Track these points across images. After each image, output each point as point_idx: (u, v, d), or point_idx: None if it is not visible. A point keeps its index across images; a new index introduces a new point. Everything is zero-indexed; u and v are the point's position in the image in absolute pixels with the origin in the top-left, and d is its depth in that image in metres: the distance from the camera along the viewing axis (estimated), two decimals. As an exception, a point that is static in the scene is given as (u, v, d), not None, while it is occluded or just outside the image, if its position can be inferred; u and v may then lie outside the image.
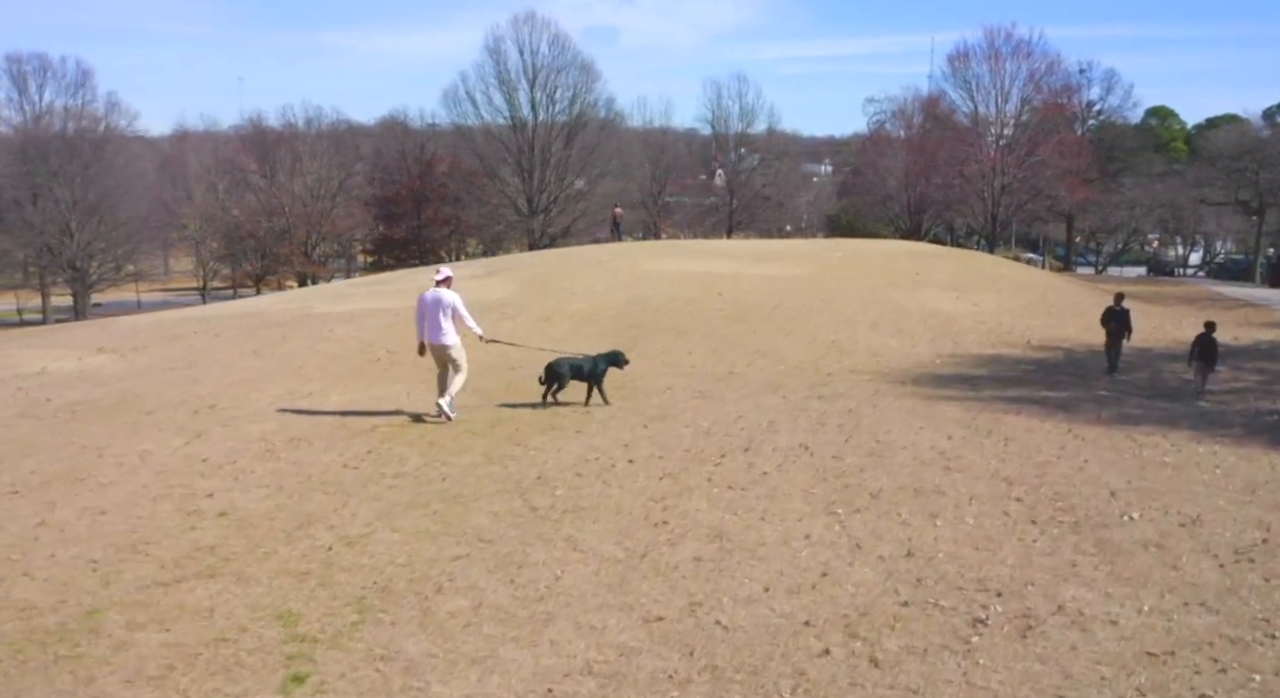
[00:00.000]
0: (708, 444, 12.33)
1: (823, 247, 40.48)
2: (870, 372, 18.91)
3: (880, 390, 16.75)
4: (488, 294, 28.70)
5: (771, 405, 14.97)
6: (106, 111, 74.76)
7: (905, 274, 31.95)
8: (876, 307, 26.38)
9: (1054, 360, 20.62)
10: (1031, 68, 55.00)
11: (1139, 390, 17.70)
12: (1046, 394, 16.89)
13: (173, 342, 23.40)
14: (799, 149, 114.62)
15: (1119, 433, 13.72)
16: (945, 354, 21.15)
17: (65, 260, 68.01)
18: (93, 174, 67.85)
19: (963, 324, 24.53)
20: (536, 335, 22.18)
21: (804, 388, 16.79)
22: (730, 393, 16.13)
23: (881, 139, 69.22)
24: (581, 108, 71.64)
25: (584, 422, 13.78)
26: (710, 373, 18.52)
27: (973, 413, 14.82)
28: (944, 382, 17.98)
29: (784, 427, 13.37)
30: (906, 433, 13.12)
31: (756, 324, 23.96)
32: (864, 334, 23.01)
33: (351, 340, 22.16)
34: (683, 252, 38.12)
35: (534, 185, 71.62)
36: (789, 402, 15.35)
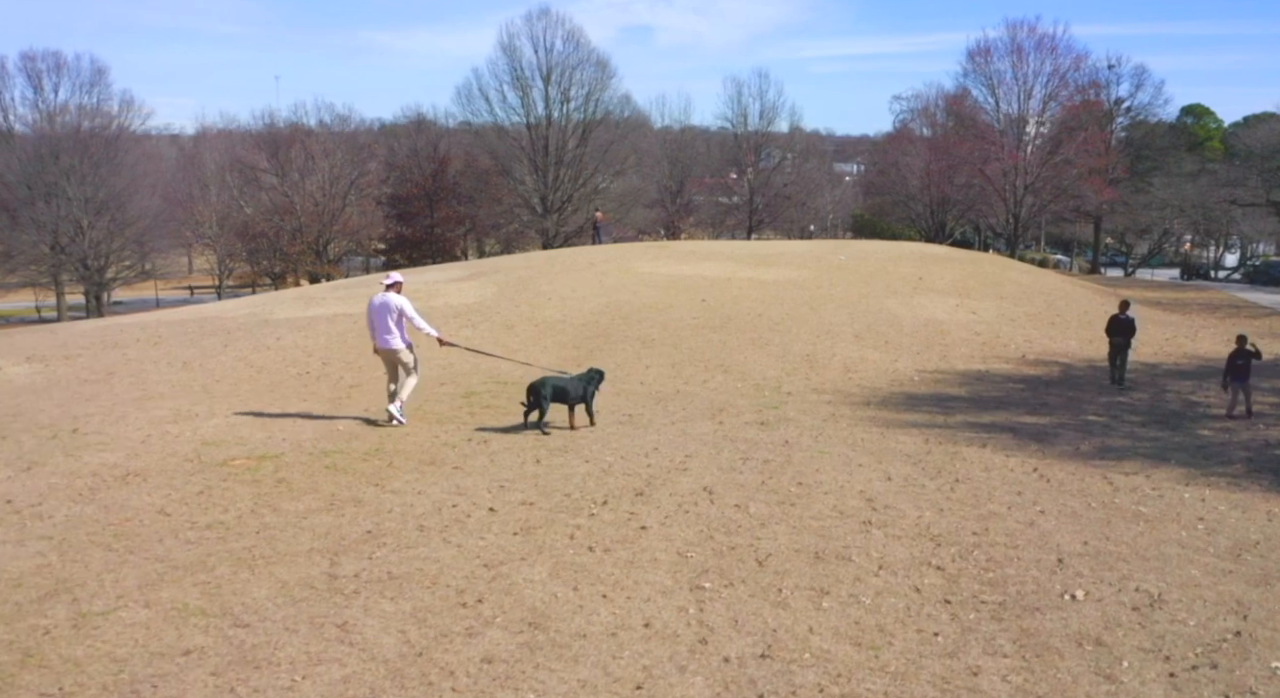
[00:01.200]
0: (596, 488, 10.52)
1: (829, 249, 38.45)
2: (835, 391, 16.99)
3: (836, 415, 14.84)
4: (461, 299, 27.25)
5: (699, 435, 13.12)
6: (121, 109, 74.20)
7: (907, 279, 29.96)
8: (866, 315, 24.43)
9: (1047, 378, 18.55)
10: (1056, 63, 52.35)
11: (1134, 414, 15.63)
12: (1025, 420, 14.88)
13: (108, 350, 22.01)
14: (831, 147, 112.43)
15: (1094, 472, 11.73)
16: (928, 370, 19.16)
17: (76, 258, 67.47)
18: (104, 172, 67.17)
19: (956, 335, 22.49)
20: (500, 342, 20.75)
21: (749, 412, 14.92)
22: (662, 418, 14.29)
23: (902, 137, 66.70)
24: (596, 105, 69.92)
25: (472, 454, 12.02)
26: (656, 392, 16.69)
27: (930, 445, 12.88)
28: (913, 403, 16.01)
29: (698, 464, 11.52)
30: (840, 472, 11.23)
31: (732, 334, 22.17)
32: (844, 346, 21.08)
33: (292, 350, 20.64)
34: (681, 254, 36.32)
35: (548, 184, 70.05)
36: (722, 430, 13.49)
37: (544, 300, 26.63)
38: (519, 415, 13.51)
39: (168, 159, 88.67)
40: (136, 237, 70.04)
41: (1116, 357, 18.53)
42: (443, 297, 27.91)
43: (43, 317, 71.85)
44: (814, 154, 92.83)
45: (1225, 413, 15.71)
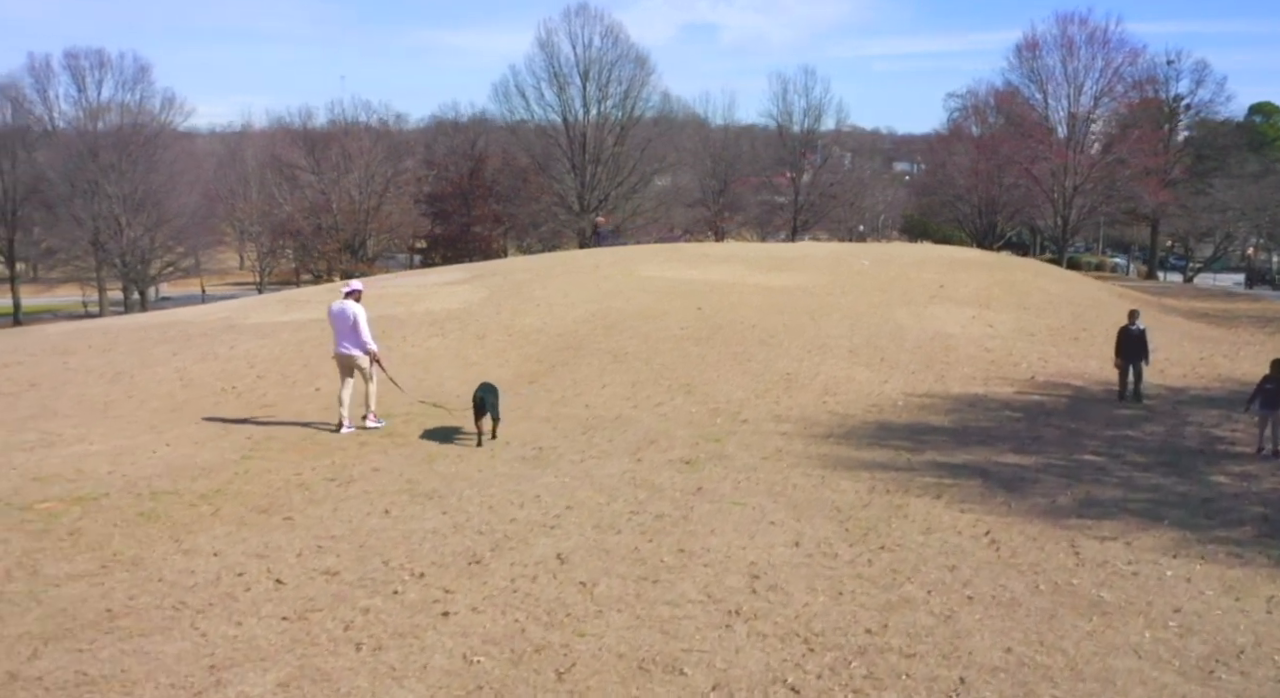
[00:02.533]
0: (429, 552, 8.70)
1: (854, 252, 36.17)
2: (799, 419, 14.95)
3: (782, 451, 12.82)
4: (446, 304, 25.76)
5: (602, 478, 11.22)
6: (162, 107, 74.21)
7: (927, 286, 27.69)
8: (870, 327, 22.29)
9: (1050, 405, 16.27)
10: (1108, 58, 49.03)
11: (1140, 453, 13.35)
12: (1005, 460, 12.72)
13: (52, 357, 20.83)
14: (891, 146, 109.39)
15: (1062, 537, 9.59)
16: (917, 393, 17.00)
17: (115, 255, 67.53)
18: (141, 170, 67.05)
19: (963, 351, 20.25)
20: (462, 354, 19.35)
21: (682, 446, 12.97)
22: (574, 454, 12.42)
23: (951, 136, 63.61)
24: (635, 102, 68.10)
25: (319, 500, 10.28)
26: (592, 418, 14.82)
27: (873, 495, 10.83)
28: (882, 436, 13.91)
29: (574, 519, 9.63)
30: (739, 535, 9.26)
31: (715, 347, 20.25)
32: (833, 363, 18.99)
33: (237, 362, 19.32)
34: (693, 257, 34.39)
35: (585, 183, 68.43)
36: (634, 471, 11.58)
37: (531, 306, 25.00)
38: (421, 443, 11.87)
39: (214, 156, 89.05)
40: (174, 234, 69.89)
41: (1127, 370, 16.75)
42: (428, 301, 26.42)
43: (88, 312, 72.20)
44: (867, 152, 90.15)
45: (1254, 451, 13.38)
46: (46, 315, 71.59)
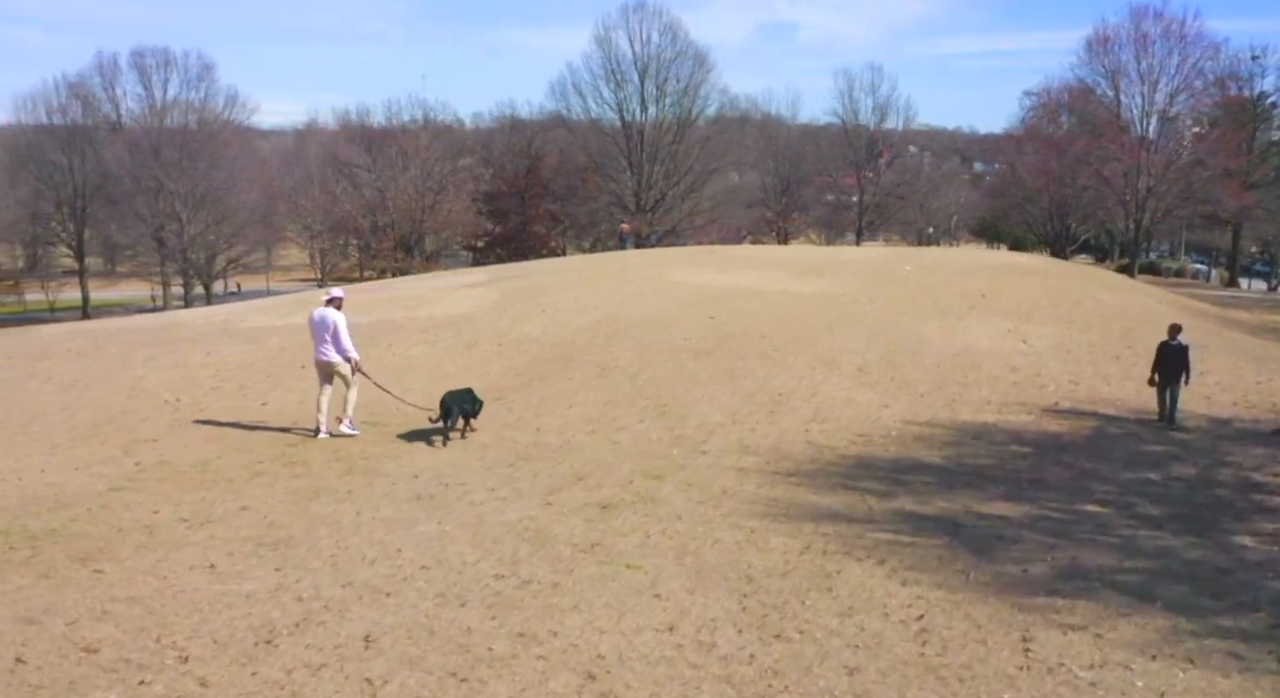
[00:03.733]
0: (217, 626, 7.28)
1: (899, 257, 34.04)
2: (768, 451, 13.21)
3: (725, 494, 11.12)
4: (450, 309, 24.63)
5: (492, 527, 9.70)
6: (225, 105, 74.87)
7: (967, 296, 25.57)
8: (890, 340, 20.37)
9: (1067, 438, 14.22)
10: (1185, 53, 45.58)
11: (1158, 503, 11.31)
12: (988, 510, 10.82)
13: (26, 361, 20.20)
14: (962, 145, 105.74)
15: (1017, 624, 7.74)
16: (918, 421, 15.09)
17: (176, 251, 68.18)
18: (202, 167, 67.52)
19: (986, 370, 18.22)
20: (441, 365, 18.23)
21: (613, 485, 11.37)
22: (481, 492, 10.90)
23: (1022, 135, 60.36)
24: (693, 100, 66.35)
25: (160, 544, 8.93)
26: (533, 445, 13.30)
27: (805, 557, 9.10)
28: (854, 475, 12.10)
29: (422, 585, 8.12)
30: (612, 610, 7.64)
31: (713, 361, 18.64)
32: (835, 382, 17.18)
33: (199, 371, 18.44)
34: (727, 260, 32.73)
35: (642, 182, 66.95)
36: (536, 518, 10.03)
37: (538, 312, 23.71)
38: (333, 469, 10.61)
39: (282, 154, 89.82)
40: (234, 230, 70.31)
41: (1165, 390, 15.15)
42: (435, 306, 25.29)
43: (155, 306, 73.14)
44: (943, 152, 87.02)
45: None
46: (117, 309, 72.68)
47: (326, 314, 12.93)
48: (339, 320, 12.89)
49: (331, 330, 12.83)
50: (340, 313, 12.98)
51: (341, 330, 12.84)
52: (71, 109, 72.85)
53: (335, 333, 12.82)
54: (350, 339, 12.97)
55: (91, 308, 74.13)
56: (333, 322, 12.85)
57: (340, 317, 12.93)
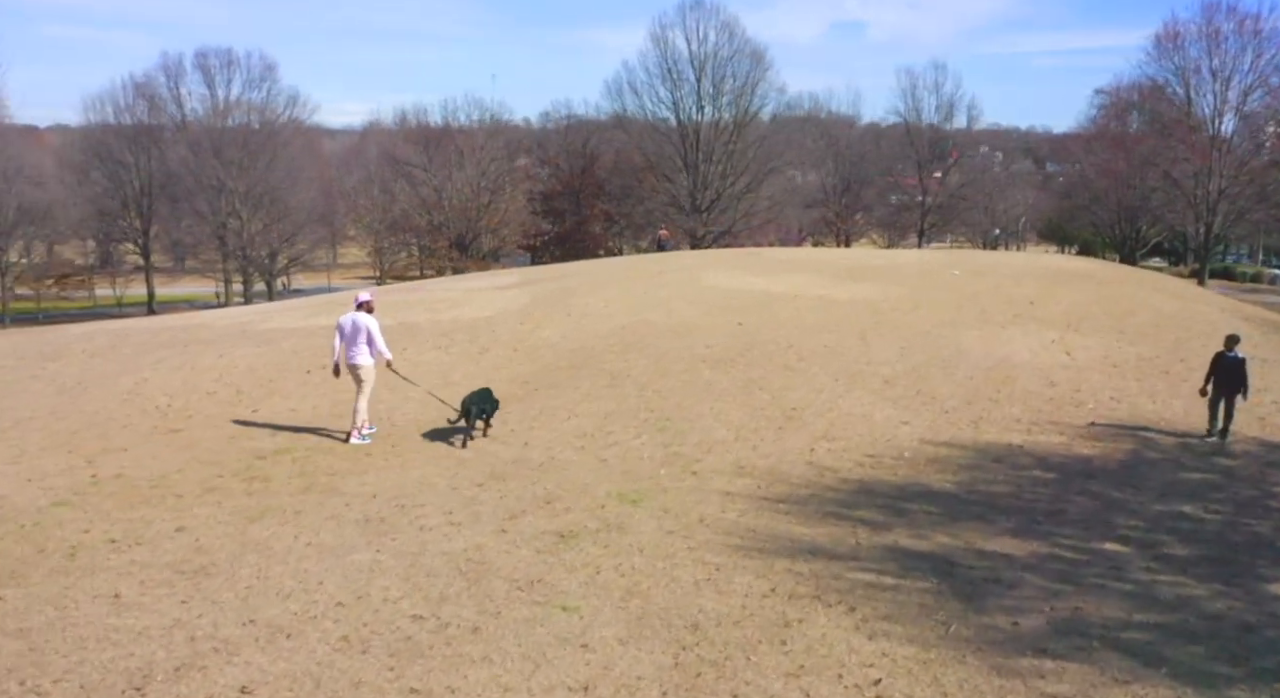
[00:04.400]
0: (91, 669, 6.67)
1: (949, 261, 32.65)
2: (763, 474, 12.28)
3: (701, 523, 10.23)
4: (475, 312, 24.15)
5: (432, 557, 8.94)
6: (286, 105, 75.54)
7: (1014, 303, 24.30)
8: (924, 350, 19.25)
9: (1098, 462, 13.03)
10: (1259, 50, 43.11)
11: (1187, 542, 10.14)
12: (991, 548, 9.77)
13: (37, 362, 20.10)
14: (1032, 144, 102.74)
15: (991, 692, 6.71)
16: (938, 440, 14.00)
17: (236, 248, 69.01)
18: (261, 166, 68.20)
19: (1022, 385, 17.01)
20: (448, 372, 17.65)
21: (582, 510, 10.54)
22: (435, 516, 10.15)
23: (1088, 135, 57.93)
24: (750, 99, 65.20)
25: (66, 571, 8.32)
26: (512, 463, 12.55)
27: (767, 602, 8.17)
28: (850, 503, 11.11)
29: (328, 625, 7.40)
30: (527, 663, 6.84)
31: (731, 371, 17.79)
32: (856, 396, 16.16)
33: (208, 372, 18.19)
34: (768, 264, 31.73)
35: (697, 182, 66.00)
36: (484, 547, 9.26)
37: (561, 317, 23.06)
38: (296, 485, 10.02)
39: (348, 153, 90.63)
40: (293, 229, 70.92)
41: (1218, 404, 14.15)
42: (460, 309, 24.78)
43: (219, 303, 74.18)
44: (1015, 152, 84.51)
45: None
46: (182, 305, 73.94)
47: (358, 319, 13.13)
48: (371, 324, 13.11)
49: (365, 335, 13.06)
50: (371, 316, 13.21)
51: (375, 334, 13.09)
52: (138, 109, 74.11)
53: (369, 337, 13.07)
54: (384, 340, 13.31)
55: (157, 303, 75.46)
56: (365, 326, 13.07)
57: (372, 320, 13.15)
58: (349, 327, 13.21)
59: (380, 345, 13.21)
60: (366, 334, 13.12)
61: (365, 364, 13.18)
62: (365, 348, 13.16)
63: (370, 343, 13.14)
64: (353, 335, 13.18)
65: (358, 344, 13.14)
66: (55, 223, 71.51)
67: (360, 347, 13.14)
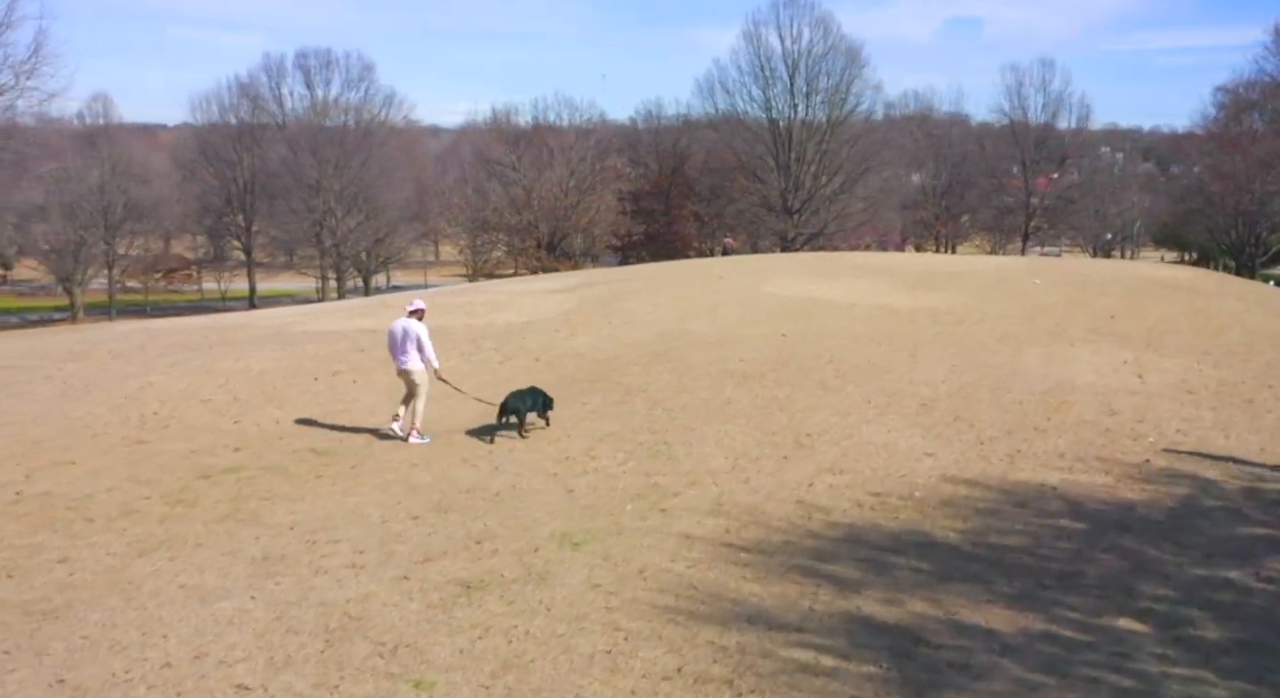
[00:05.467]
0: None
1: (1032, 270, 30.45)
2: (743, 512, 10.93)
3: (640, 574, 8.97)
4: (513, 317, 23.53)
5: (302, 610, 7.92)
6: (382, 105, 76.48)
7: (1094, 315, 22.32)
8: (975, 370, 17.57)
9: (1142, 510, 11.24)
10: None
11: (1223, 618, 8.43)
12: (977, 618, 8.25)
13: (61, 362, 20.02)
14: (1149, 143, 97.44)
15: None
16: (960, 477, 12.39)
17: (331, 246, 70.08)
18: (355, 165, 69.04)
19: (1077, 412, 15.19)
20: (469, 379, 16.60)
21: (512, 552, 9.38)
22: (346, 555, 9.10)
23: (1203, 135, 53.94)
24: (844, 98, 63.08)
25: None
26: (467, 489, 11.48)
27: (664, 687, 6.83)
28: (830, 553, 9.69)
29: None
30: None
31: (754, 389, 16.60)
32: (885, 420, 14.65)
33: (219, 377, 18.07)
34: (834, 269, 30.21)
35: (789, 183, 64.22)
36: (370, 597, 8.18)
37: (600, 324, 22.18)
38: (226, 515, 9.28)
39: (448, 153, 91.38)
40: (385, 226, 71.65)
41: None
42: (501, 313, 24.10)
43: (320, 298, 75.48)
44: (1131, 153, 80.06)
45: None
46: (285, 299, 75.47)
47: (409, 325, 13.32)
48: (421, 331, 13.30)
49: (415, 341, 13.26)
50: (422, 324, 13.39)
51: (425, 341, 13.31)
52: (241, 109, 75.96)
53: (419, 343, 13.26)
54: (434, 348, 13.47)
55: (259, 298, 77.30)
56: (415, 333, 13.27)
57: (423, 328, 13.33)
58: (399, 332, 13.38)
59: (429, 353, 13.39)
60: (416, 341, 13.29)
61: (415, 369, 13.29)
62: (415, 354, 13.31)
63: (420, 349, 13.28)
64: (402, 342, 13.34)
65: (407, 350, 13.31)
66: (161, 219, 73.80)
67: (410, 353, 13.30)
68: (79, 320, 66.37)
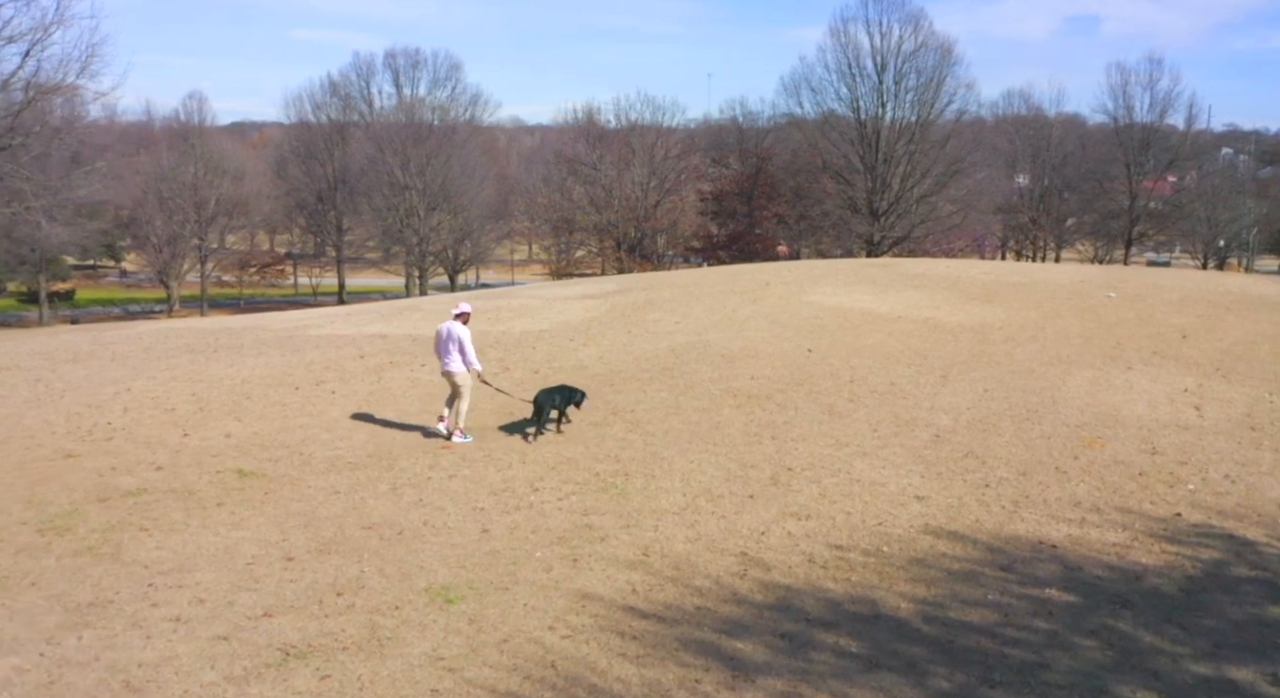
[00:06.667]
0: None
1: (1107, 280, 28.03)
2: (669, 566, 9.53)
3: (504, 644, 7.67)
4: (537, 324, 22.68)
5: (87, 672, 6.77)
6: (468, 104, 76.51)
7: (1163, 335, 20.23)
8: (1011, 396, 15.85)
9: (1151, 580, 9.43)
10: None
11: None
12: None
13: (59, 363, 19.63)
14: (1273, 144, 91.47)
15: None
16: (945, 528, 10.74)
17: (413, 244, 70.38)
18: (437, 164, 69.10)
19: (1111, 451, 13.31)
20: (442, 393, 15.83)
21: (364, 610, 8.17)
22: (177, 607, 8.02)
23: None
24: (935, 96, 60.35)
25: None
26: (383, 524, 10.31)
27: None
28: (745, 625, 8.23)
29: None
30: None
31: (756, 412, 15.32)
32: (882, 456, 13.04)
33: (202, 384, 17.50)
34: (894, 278, 28.40)
35: (875, 184, 61.82)
36: (177, 658, 7.01)
37: (617, 334, 21.15)
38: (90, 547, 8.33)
39: (528, 149, 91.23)
40: (467, 226, 71.65)
41: None
42: (525, 320, 23.15)
43: (405, 294, 76.00)
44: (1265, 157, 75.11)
45: None
46: (375, 295, 76.29)
47: (453, 328, 13.60)
48: (464, 335, 13.57)
49: (458, 344, 13.51)
50: (466, 327, 13.64)
51: (467, 344, 13.54)
52: (332, 107, 76.88)
53: (462, 346, 13.49)
54: (475, 352, 13.65)
55: (349, 294, 78.26)
56: (458, 336, 13.52)
57: (465, 331, 13.60)
58: (445, 335, 13.65)
59: (470, 357, 13.57)
60: (459, 344, 13.54)
61: (458, 371, 13.58)
62: (458, 356, 13.57)
63: (462, 352, 13.52)
64: (446, 344, 13.63)
65: (451, 353, 13.59)
66: (252, 215, 75.22)
67: (454, 355, 13.58)
68: (174, 313, 68.09)
